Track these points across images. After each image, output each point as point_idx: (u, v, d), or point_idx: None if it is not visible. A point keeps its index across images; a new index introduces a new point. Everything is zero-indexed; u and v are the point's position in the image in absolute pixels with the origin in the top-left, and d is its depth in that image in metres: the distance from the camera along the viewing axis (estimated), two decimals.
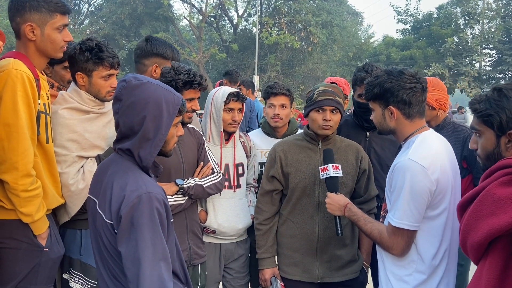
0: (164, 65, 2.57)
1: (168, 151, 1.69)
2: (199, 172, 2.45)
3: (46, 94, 2.09)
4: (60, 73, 2.64)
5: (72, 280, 2.24)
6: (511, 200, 1.34)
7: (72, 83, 2.29)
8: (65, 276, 2.27)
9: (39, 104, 1.99)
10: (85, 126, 2.20)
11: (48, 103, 2.10)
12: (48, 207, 2.06)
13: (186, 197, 2.35)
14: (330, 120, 2.33)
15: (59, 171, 2.14)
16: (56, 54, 2.10)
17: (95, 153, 2.23)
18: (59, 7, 2.02)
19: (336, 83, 3.32)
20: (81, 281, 2.24)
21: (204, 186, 2.40)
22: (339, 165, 2.23)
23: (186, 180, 2.36)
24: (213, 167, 2.50)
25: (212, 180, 2.45)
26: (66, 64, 2.53)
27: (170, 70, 2.38)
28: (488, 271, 1.41)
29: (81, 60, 2.19)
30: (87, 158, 2.21)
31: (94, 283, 2.25)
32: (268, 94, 2.88)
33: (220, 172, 2.52)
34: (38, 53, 2.05)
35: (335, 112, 2.36)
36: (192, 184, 2.35)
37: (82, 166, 2.18)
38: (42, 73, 2.17)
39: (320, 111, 2.34)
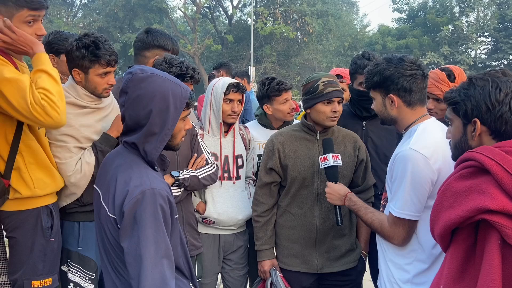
0: None
1: (176, 145, 1.67)
2: (193, 164, 2.43)
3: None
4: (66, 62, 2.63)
5: (71, 272, 2.26)
6: (465, 194, 1.37)
7: (70, 77, 2.28)
8: (63, 268, 2.28)
9: None
10: (81, 120, 2.20)
11: None
12: (47, 192, 2.08)
13: (182, 189, 2.34)
14: (338, 111, 2.34)
15: (58, 162, 2.15)
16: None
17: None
18: (27, 3, 1.96)
19: (341, 75, 3.29)
20: (79, 273, 2.25)
21: (199, 177, 2.39)
22: (339, 154, 2.22)
23: (181, 171, 2.34)
24: (207, 158, 2.49)
25: (207, 171, 2.44)
26: None
27: (162, 62, 2.35)
28: (450, 261, 1.43)
29: (77, 57, 2.16)
30: (85, 148, 2.22)
31: (93, 275, 2.27)
32: (280, 91, 2.77)
33: (214, 163, 2.51)
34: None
35: (340, 102, 2.37)
36: (188, 176, 2.34)
37: (80, 158, 2.19)
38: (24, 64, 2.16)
39: (329, 103, 2.33)
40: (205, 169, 2.44)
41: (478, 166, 1.39)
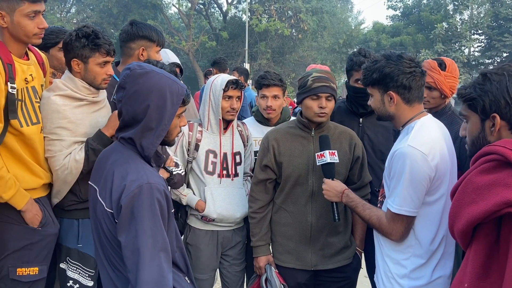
0: (150, 48, 2.58)
1: (171, 141, 1.69)
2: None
3: (26, 79, 2.10)
4: (57, 56, 2.63)
5: (70, 269, 2.26)
6: (489, 188, 1.34)
7: (66, 71, 2.28)
8: (62, 266, 2.28)
9: (14, 88, 2.00)
10: (77, 113, 2.19)
11: (27, 87, 2.11)
12: (27, 187, 2.08)
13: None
14: (325, 108, 2.32)
15: (48, 155, 2.16)
16: (30, 41, 2.11)
17: None
18: None
19: None
20: (79, 270, 2.25)
21: (182, 175, 2.45)
22: (336, 151, 2.23)
23: (173, 168, 2.38)
24: (176, 161, 2.51)
25: (181, 172, 2.49)
26: (61, 45, 2.55)
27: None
28: (473, 258, 1.41)
29: (77, 46, 2.18)
30: (80, 142, 2.21)
31: (92, 272, 2.27)
32: (260, 85, 2.86)
33: (181, 165, 2.54)
34: (13, 39, 2.08)
35: (329, 99, 2.35)
36: (175, 172, 2.38)
37: (70, 153, 2.18)
38: (26, 58, 2.17)
39: (316, 98, 2.32)
40: (179, 169, 2.47)
41: (500, 160, 1.36)
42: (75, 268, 2.25)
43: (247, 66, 21.10)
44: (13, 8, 2.00)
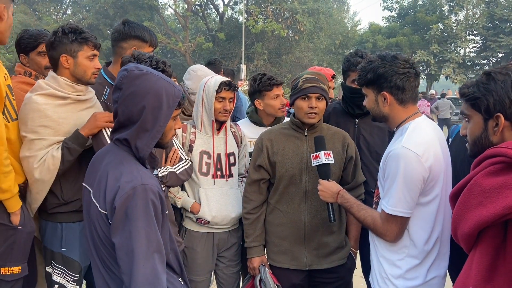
0: (142, 48, 2.56)
1: (165, 143, 1.69)
2: (170, 160, 2.44)
3: (5, 76, 2.10)
4: (36, 60, 2.64)
5: (55, 273, 2.25)
6: (498, 190, 1.32)
7: (50, 71, 2.27)
8: (48, 269, 2.28)
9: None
10: (59, 111, 2.17)
11: (6, 84, 2.11)
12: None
13: (162, 187, 2.34)
14: (316, 108, 2.34)
15: (27, 155, 2.12)
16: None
17: None
18: None
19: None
20: (64, 275, 2.25)
21: (177, 173, 2.42)
22: (331, 152, 2.23)
23: (159, 169, 2.35)
24: (181, 154, 2.50)
25: (183, 166, 2.47)
26: (40, 49, 2.58)
27: (131, 58, 2.33)
28: (478, 260, 1.40)
29: (65, 42, 2.18)
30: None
31: (77, 277, 2.27)
32: (271, 86, 2.80)
33: (188, 159, 2.53)
34: None
35: (320, 99, 2.36)
36: (166, 173, 2.36)
37: (48, 151, 2.15)
38: None
39: (306, 99, 2.34)
40: (180, 164, 2.46)
41: (508, 162, 1.34)
42: (60, 272, 2.24)
43: (243, 67, 21.11)
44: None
